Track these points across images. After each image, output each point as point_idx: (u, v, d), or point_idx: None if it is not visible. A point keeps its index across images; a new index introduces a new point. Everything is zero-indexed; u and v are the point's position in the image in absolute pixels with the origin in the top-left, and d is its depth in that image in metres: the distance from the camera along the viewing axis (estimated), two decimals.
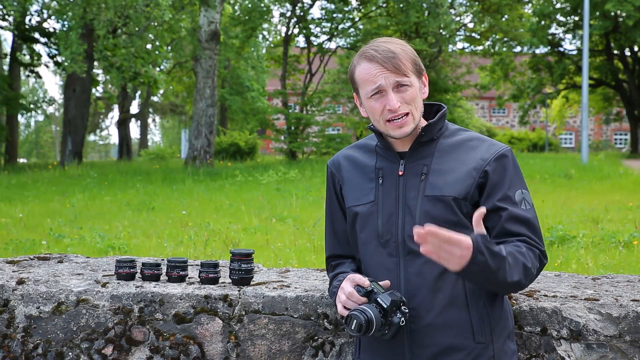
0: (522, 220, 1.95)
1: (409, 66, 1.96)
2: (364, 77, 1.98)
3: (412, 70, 1.97)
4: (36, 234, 8.90)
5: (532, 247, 1.94)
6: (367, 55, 1.97)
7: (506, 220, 1.94)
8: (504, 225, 1.95)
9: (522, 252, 1.90)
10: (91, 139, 65.16)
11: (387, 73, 1.94)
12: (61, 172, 19.64)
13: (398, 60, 1.94)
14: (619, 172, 18.00)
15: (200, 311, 2.34)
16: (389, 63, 1.94)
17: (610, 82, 34.02)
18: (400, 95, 1.95)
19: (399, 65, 1.94)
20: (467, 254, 1.76)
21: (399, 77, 1.94)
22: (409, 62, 1.97)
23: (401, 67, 1.94)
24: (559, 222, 8.67)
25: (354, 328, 1.86)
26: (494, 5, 28.29)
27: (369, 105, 1.99)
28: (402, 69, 1.95)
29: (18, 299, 2.44)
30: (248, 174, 18.07)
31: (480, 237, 1.79)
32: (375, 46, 1.98)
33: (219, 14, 21.42)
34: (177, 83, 36.61)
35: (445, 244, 1.74)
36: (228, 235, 8.31)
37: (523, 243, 1.93)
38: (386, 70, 1.94)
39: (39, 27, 28.23)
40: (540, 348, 2.19)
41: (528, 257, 1.90)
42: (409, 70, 1.96)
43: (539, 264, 1.95)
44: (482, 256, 1.77)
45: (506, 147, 2.02)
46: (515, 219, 1.94)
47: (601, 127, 51.83)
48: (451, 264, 1.78)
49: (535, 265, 1.92)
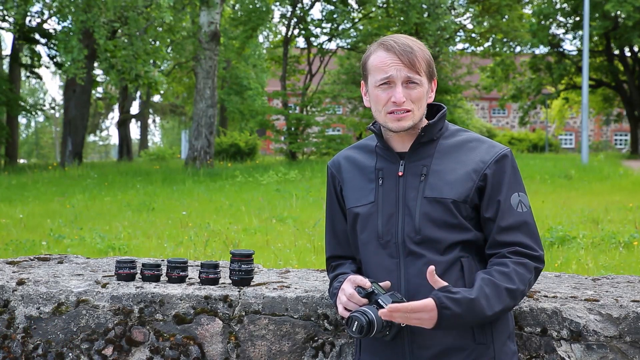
0: (514, 227, 1.95)
1: (423, 66, 1.97)
2: (377, 64, 1.98)
3: (425, 71, 1.98)
4: (36, 234, 8.90)
5: (522, 258, 1.93)
6: (386, 44, 1.98)
7: (497, 232, 1.95)
8: (494, 237, 1.96)
9: (505, 272, 1.90)
10: (91, 140, 65.18)
11: (401, 66, 1.95)
12: (61, 172, 19.65)
13: (414, 56, 1.95)
14: (619, 172, 18.01)
15: (201, 312, 2.34)
16: (405, 56, 1.95)
17: (610, 83, 34.02)
18: (408, 91, 1.96)
19: (414, 61, 1.95)
20: (434, 315, 1.82)
21: (412, 73, 1.95)
22: (424, 62, 1.98)
23: (416, 64, 1.95)
24: (559, 222, 8.67)
25: (355, 329, 1.86)
26: (494, 6, 28.29)
27: (374, 93, 1.99)
28: (417, 66, 1.95)
29: (18, 300, 2.44)
30: (248, 174, 18.07)
31: (440, 293, 1.84)
32: (395, 38, 1.99)
33: (219, 14, 21.43)
34: (178, 84, 36.59)
35: (410, 313, 1.81)
36: (228, 236, 8.31)
37: (513, 256, 1.93)
38: (401, 63, 1.95)
39: (39, 27, 28.24)
40: (540, 349, 2.19)
41: (513, 276, 1.90)
42: (422, 70, 1.97)
43: (532, 273, 1.94)
44: (448, 310, 1.82)
45: (506, 149, 2.02)
46: (507, 229, 1.94)
47: (601, 127, 51.81)
48: (425, 325, 1.84)
49: (525, 279, 1.92)
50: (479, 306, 1.84)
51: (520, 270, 1.91)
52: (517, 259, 1.93)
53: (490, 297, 1.86)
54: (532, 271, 1.94)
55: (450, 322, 1.84)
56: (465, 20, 30.32)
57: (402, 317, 1.82)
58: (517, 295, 1.90)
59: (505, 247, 1.95)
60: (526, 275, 1.92)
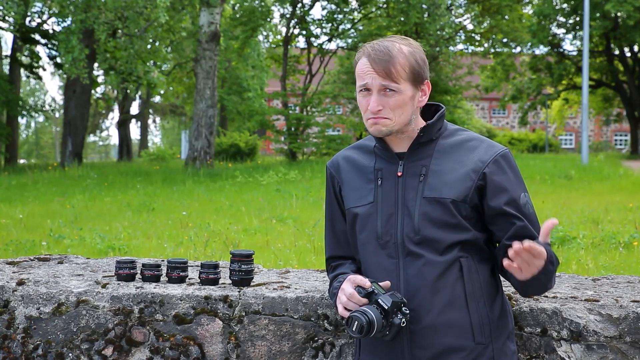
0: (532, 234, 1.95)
1: (403, 72, 1.93)
2: (358, 71, 1.99)
3: (407, 77, 1.94)
4: (36, 234, 8.90)
5: None
6: (366, 51, 1.98)
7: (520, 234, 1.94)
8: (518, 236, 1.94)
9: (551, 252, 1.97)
10: (91, 140, 65.19)
11: (375, 75, 1.93)
12: (61, 173, 19.64)
13: (391, 64, 1.92)
14: (619, 173, 18.01)
15: (201, 312, 2.34)
16: (380, 65, 1.92)
17: (610, 83, 34.01)
18: (385, 99, 1.94)
19: (389, 70, 1.92)
20: (541, 264, 1.86)
21: (386, 81, 1.93)
22: (404, 68, 1.93)
23: (392, 73, 1.92)
24: (559, 222, 8.67)
25: (355, 329, 1.86)
26: (494, 6, 28.29)
27: (358, 99, 2.02)
28: (392, 75, 1.92)
29: (18, 300, 2.44)
30: (248, 174, 18.07)
31: (549, 248, 1.90)
32: (376, 44, 1.97)
33: (219, 14, 21.42)
34: (178, 84, 36.59)
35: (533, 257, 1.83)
36: (228, 236, 8.31)
37: None
38: (374, 72, 1.94)
39: (39, 28, 28.24)
40: (540, 349, 2.19)
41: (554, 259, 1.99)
42: (400, 77, 1.93)
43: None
44: (551, 266, 1.91)
45: (505, 149, 2.02)
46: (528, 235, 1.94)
47: (601, 128, 51.82)
48: (526, 273, 1.87)
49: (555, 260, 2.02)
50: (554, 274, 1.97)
51: None
52: None
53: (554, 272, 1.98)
54: None
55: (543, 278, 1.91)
56: (465, 20, 30.34)
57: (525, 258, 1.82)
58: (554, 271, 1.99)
59: None
60: None
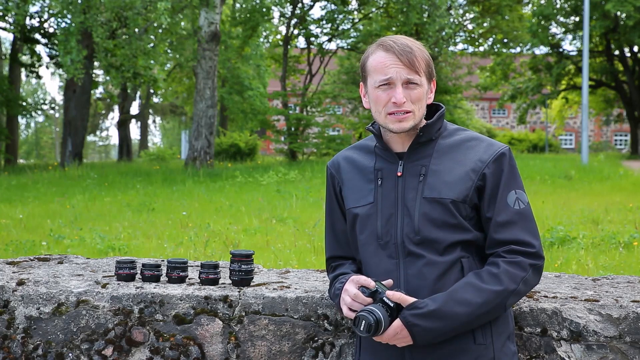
0: (509, 223, 1.94)
1: (423, 66, 1.97)
2: (376, 65, 1.97)
3: (425, 71, 1.97)
4: (36, 235, 8.90)
5: (516, 256, 1.92)
6: (385, 45, 1.97)
7: (494, 230, 1.95)
8: (492, 235, 1.96)
9: (494, 274, 1.90)
10: (91, 140, 65.18)
11: (401, 67, 1.94)
12: (61, 173, 19.63)
13: (414, 56, 1.94)
14: (619, 173, 18.01)
15: (201, 312, 2.34)
16: (405, 57, 1.94)
17: (610, 83, 34.02)
18: (408, 92, 1.95)
19: (413, 61, 1.94)
20: (406, 334, 1.87)
21: (411, 74, 1.94)
22: (423, 62, 1.97)
23: (415, 64, 1.94)
24: (559, 223, 8.67)
25: (363, 329, 1.87)
26: (494, 7, 28.30)
27: (374, 94, 1.98)
28: (416, 67, 1.95)
29: (18, 300, 2.43)
30: (248, 174, 18.07)
31: (406, 312, 1.88)
32: (394, 39, 1.98)
33: (219, 15, 21.42)
34: (178, 84, 36.60)
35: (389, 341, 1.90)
36: (228, 236, 8.31)
37: (507, 255, 1.93)
38: (400, 64, 1.94)
39: (39, 28, 28.23)
40: (540, 349, 2.19)
41: (502, 277, 1.89)
42: (421, 70, 1.96)
43: (526, 271, 1.92)
44: (417, 327, 1.86)
45: (504, 147, 2.02)
46: (502, 225, 1.94)
47: (601, 128, 51.81)
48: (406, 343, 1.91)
49: (517, 277, 1.91)
50: (451, 313, 1.86)
51: (512, 269, 1.90)
52: (511, 258, 1.92)
53: (470, 300, 1.86)
54: (526, 269, 1.92)
55: (428, 336, 1.87)
56: (465, 20, 30.33)
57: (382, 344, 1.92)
58: (506, 295, 1.89)
59: (501, 246, 1.94)
60: (518, 274, 1.91)
